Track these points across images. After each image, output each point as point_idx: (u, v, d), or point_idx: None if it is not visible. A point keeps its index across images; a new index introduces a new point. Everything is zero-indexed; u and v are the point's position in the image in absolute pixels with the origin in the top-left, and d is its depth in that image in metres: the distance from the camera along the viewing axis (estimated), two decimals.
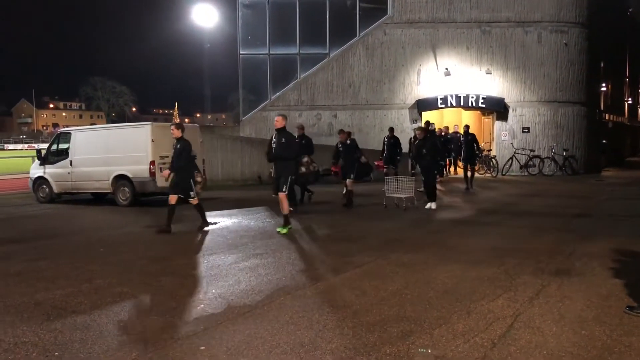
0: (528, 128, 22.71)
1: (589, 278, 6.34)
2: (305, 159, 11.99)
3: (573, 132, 22.82)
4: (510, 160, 21.88)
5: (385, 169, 15.43)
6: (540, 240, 8.79)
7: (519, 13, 22.45)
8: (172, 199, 9.77)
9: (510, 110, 22.70)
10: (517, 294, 5.72)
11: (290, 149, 9.82)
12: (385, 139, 16.54)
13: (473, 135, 17.28)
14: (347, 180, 12.94)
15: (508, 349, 4.27)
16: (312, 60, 23.39)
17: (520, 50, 22.60)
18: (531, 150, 22.14)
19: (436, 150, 12.47)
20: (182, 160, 9.72)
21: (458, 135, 19.36)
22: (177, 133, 9.85)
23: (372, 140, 21.38)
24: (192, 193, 9.90)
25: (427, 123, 16.54)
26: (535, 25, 22.47)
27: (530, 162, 21.97)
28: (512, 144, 22.38)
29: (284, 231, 9.47)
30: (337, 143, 13.41)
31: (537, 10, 22.42)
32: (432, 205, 12.36)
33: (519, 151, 22.04)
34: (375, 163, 14.74)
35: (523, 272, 6.61)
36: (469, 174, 16.81)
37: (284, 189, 9.70)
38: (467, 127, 17.47)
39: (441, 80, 22.57)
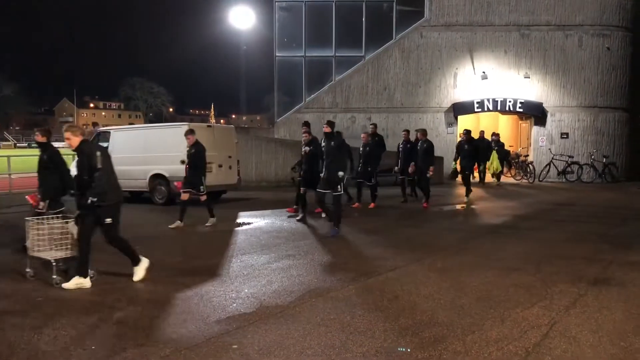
0: (567, 134, 22.23)
1: (629, 288, 6.17)
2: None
3: (614, 139, 22.25)
4: (548, 167, 21.39)
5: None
6: (578, 248, 8.58)
7: (560, 16, 22.01)
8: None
9: (548, 115, 22.25)
10: (552, 302, 5.61)
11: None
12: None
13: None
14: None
15: (543, 358, 4.19)
16: (348, 63, 23.37)
17: (560, 54, 22.14)
18: (569, 157, 21.62)
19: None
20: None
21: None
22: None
23: None
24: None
25: (309, 126, 11.99)
26: (576, 28, 22.00)
27: (569, 169, 21.44)
28: (549, 149, 21.92)
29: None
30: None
31: (578, 13, 21.95)
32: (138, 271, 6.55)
33: (557, 157, 21.55)
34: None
35: (559, 280, 6.47)
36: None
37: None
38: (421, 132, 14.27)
39: (478, 84, 22.26)
